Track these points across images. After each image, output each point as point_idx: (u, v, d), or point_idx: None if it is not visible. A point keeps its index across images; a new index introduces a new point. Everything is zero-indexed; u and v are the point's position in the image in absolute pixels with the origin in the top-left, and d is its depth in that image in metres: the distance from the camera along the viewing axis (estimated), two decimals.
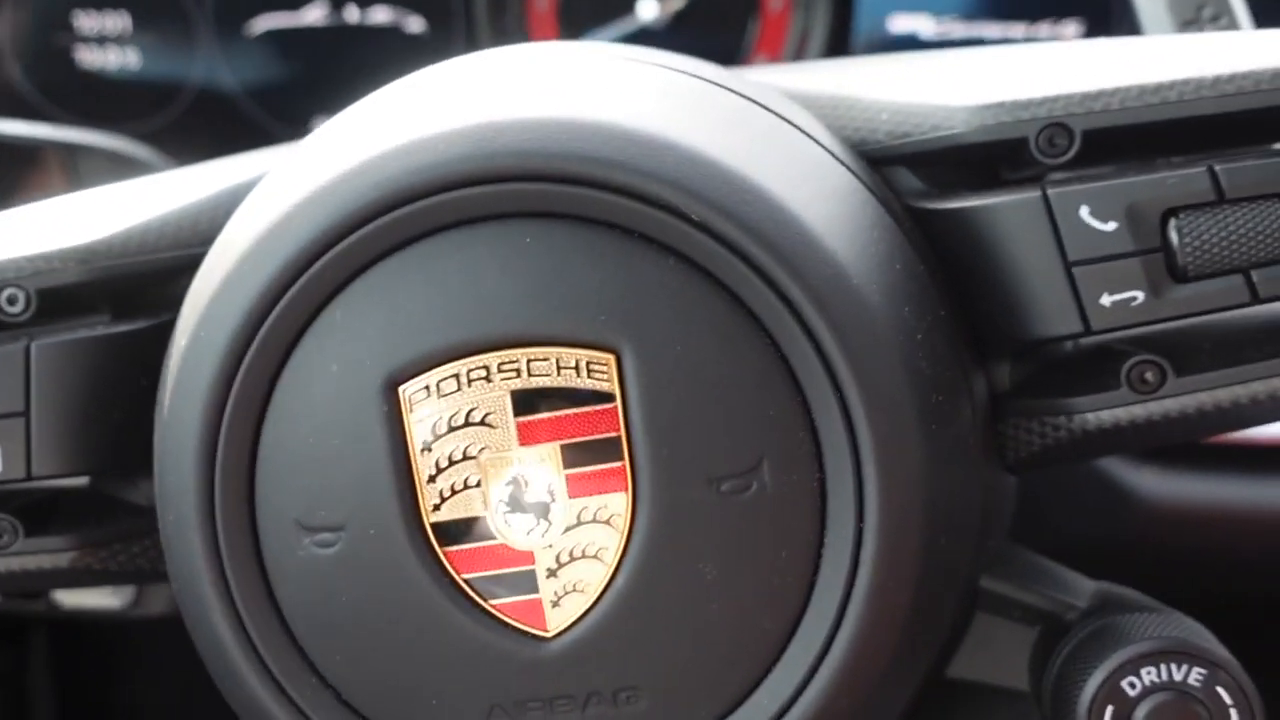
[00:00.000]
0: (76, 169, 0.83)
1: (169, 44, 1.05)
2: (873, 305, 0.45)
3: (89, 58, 1.04)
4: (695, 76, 0.50)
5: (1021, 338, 0.49)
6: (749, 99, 0.50)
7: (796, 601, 0.45)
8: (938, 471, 0.46)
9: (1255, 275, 0.46)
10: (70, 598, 0.75)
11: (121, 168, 0.83)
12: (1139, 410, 0.48)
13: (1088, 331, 0.47)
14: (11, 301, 0.52)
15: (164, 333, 0.52)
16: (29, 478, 0.51)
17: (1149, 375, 0.48)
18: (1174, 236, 0.46)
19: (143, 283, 0.54)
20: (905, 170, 0.52)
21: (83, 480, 0.55)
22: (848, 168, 0.49)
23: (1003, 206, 0.48)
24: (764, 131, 0.48)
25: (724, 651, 0.45)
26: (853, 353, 0.44)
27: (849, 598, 0.45)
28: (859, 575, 0.45)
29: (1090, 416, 0.49)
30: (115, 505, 0.55)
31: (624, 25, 1.02)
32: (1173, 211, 0.46)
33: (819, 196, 0.47)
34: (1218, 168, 0.46)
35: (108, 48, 1.04)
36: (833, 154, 0.50)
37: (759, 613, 0.45)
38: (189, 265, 0.52)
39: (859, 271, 0.45)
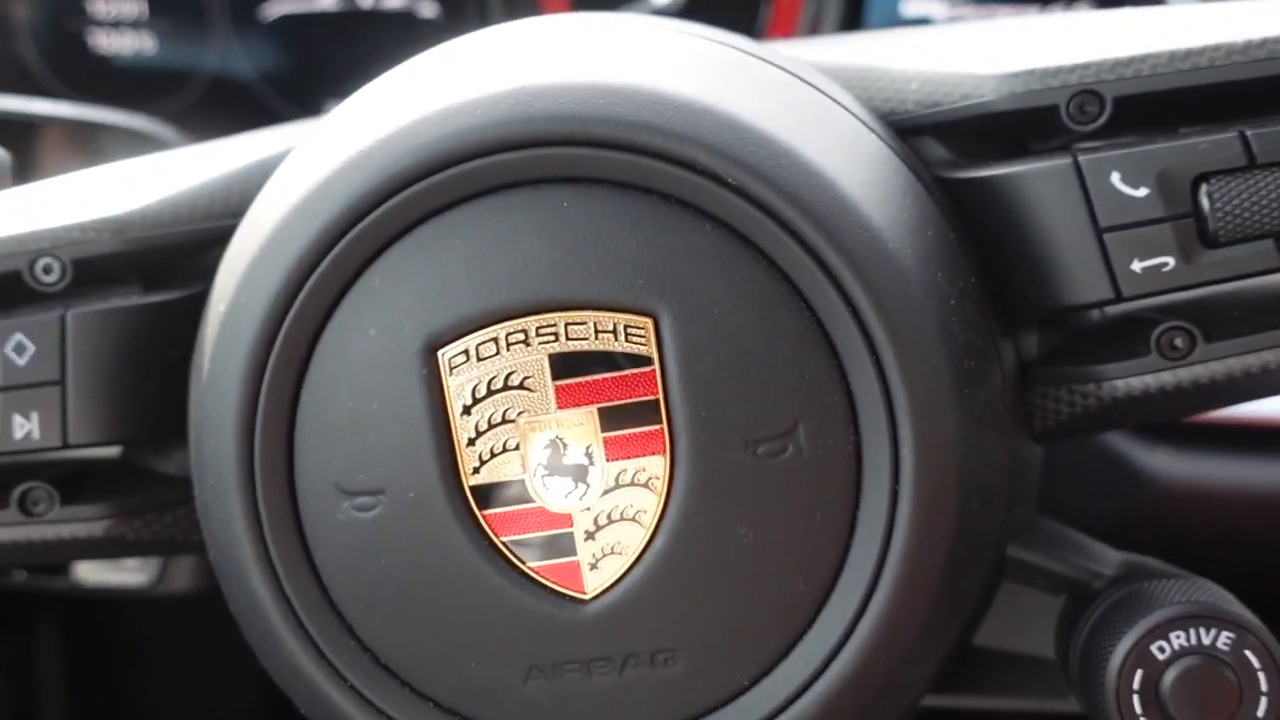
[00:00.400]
0: (99, 148, 0.83)
1: (183, 29, 1.05)
2: (907, 270, 0.45)
3: (104, 42, 1.04)
4: (727, 45, 0.50)
5: (1051, 306, 0.49)
6: (780, 68, 0.50)
7: (832, 564, 0.45)
8: (971, 436, 0.46)
9: None
10: (94, 575, 0.75)
11: (144, 147, 0.83)
12: (1168, 377, 0.49)
13: (1118, 298, 0.48)
14: (47, 271, 0.52)
15: (196, 304, 0.52)
16: (65, 445, 0.52)
17: (1179, 341, 0.48)
18: (1205, 202, 0.46)
19: (175, 254, 0.54)
20: (933, 140, 0.53)
21: (115, 451, 0.55)
22: (878, 136, 0.50)
23: (1032, 174, 0.48)
24: (797, 99, 0.49)
25: (760, 614, 0.45)
26: (888, 316, 0.45)
27: (884, 560, 0.45)
28: (894, 538, 0.45)
29: (1119, 384, 0.49)
30: (147, 476, 0.55)
31: (637, 10, 1.02)
32: (1204, 177, 0.46)
33: (852, 163, 0.47)
34: (1249, 133, 0.46)
35: (123, 32, 1.04)
36: (863, 123, 0.50)
37: (795, 575, 0.45)
38: (220, 237, 0.52)
39: (893, 237, 0.46)
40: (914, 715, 0.53)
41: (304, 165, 0.48)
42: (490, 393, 0.45)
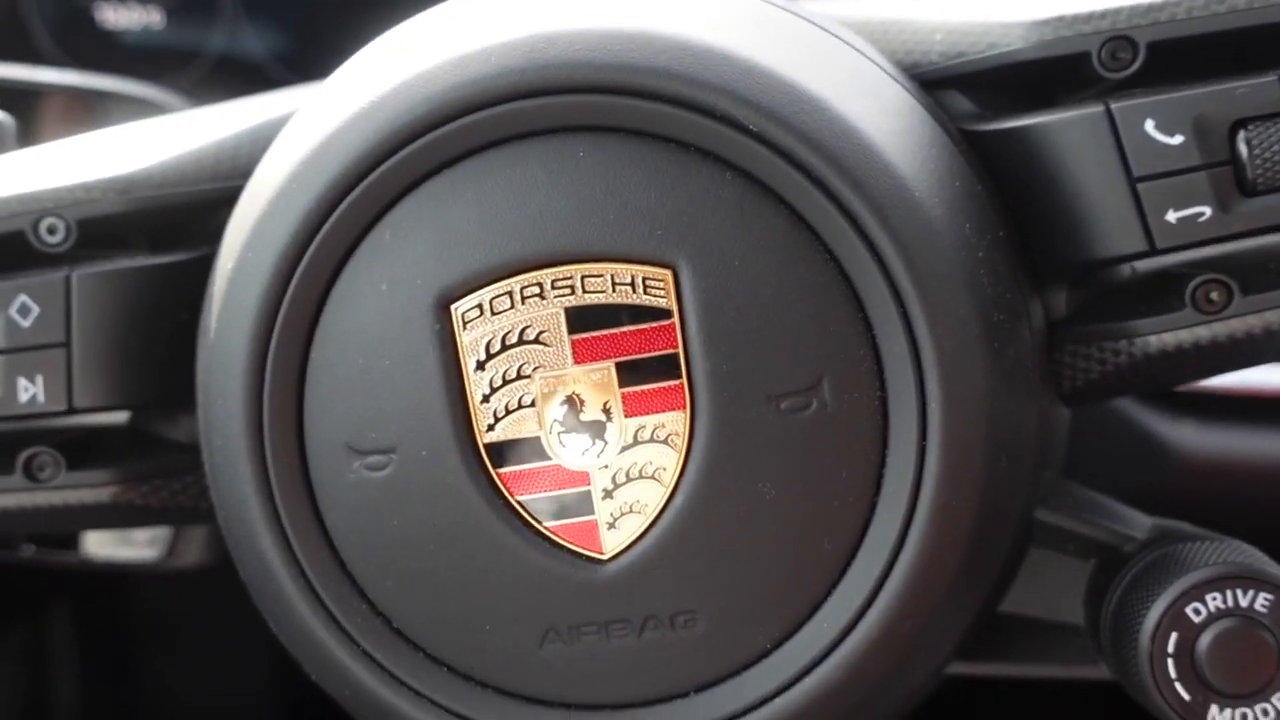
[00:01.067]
0: (105, 118, 0.82)
1: (192, 5, 1.04)
2: (935, 219, 0.44)
3: (111, 17, 1.03)
4: None
5: (1082, 259, 0.48)
6: (802, 18, 0.49)
7: (857, 523, 0.44)
8: (1000, 391, 0.45)
9: None
10: (103, 549, 0.74)
11: (150, 116, 0.82)
12: (1204, 331, 0.47)
13: (1152, 250, 0.46)
14: (51, 231, 0.51)
15: (204, 266, 0.51)
16: (70, 410, 0.50)
17: (1214, 295, 0.47)
18: (1243, 149, 0.45)
19: (181, 215, 0.53)
20: (957, 93, 0.51)
21: (123, 416, 0.54)
22: (903, 87, 0.48)
23: (1063, 123, 0.47)
24: (819, 48, 0.47)
25: (783, 574, 0.44)
26: (916, 267, 0.43)
27: (911, 519, 0.44)
28: (921, 495, 0.44)
29: (1153, 339, 0.48)
30: (155, 442, 0.54)
31: None
32: (1242, 123, 0.45)
33: (877, 112, 0.46)
34: None
35: (130, 7, 1.03)
36: (888, 73, 0.49)
37: (819, 534, 0.44)
38: (228, 198, 0.51)
39: (920, 186, 0.44)
40: (940, 682, 0.52)
41: (312, 120, 0.47)
42: (505, 348, 0.44)
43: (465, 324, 0.44)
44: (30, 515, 0.52)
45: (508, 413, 0.44)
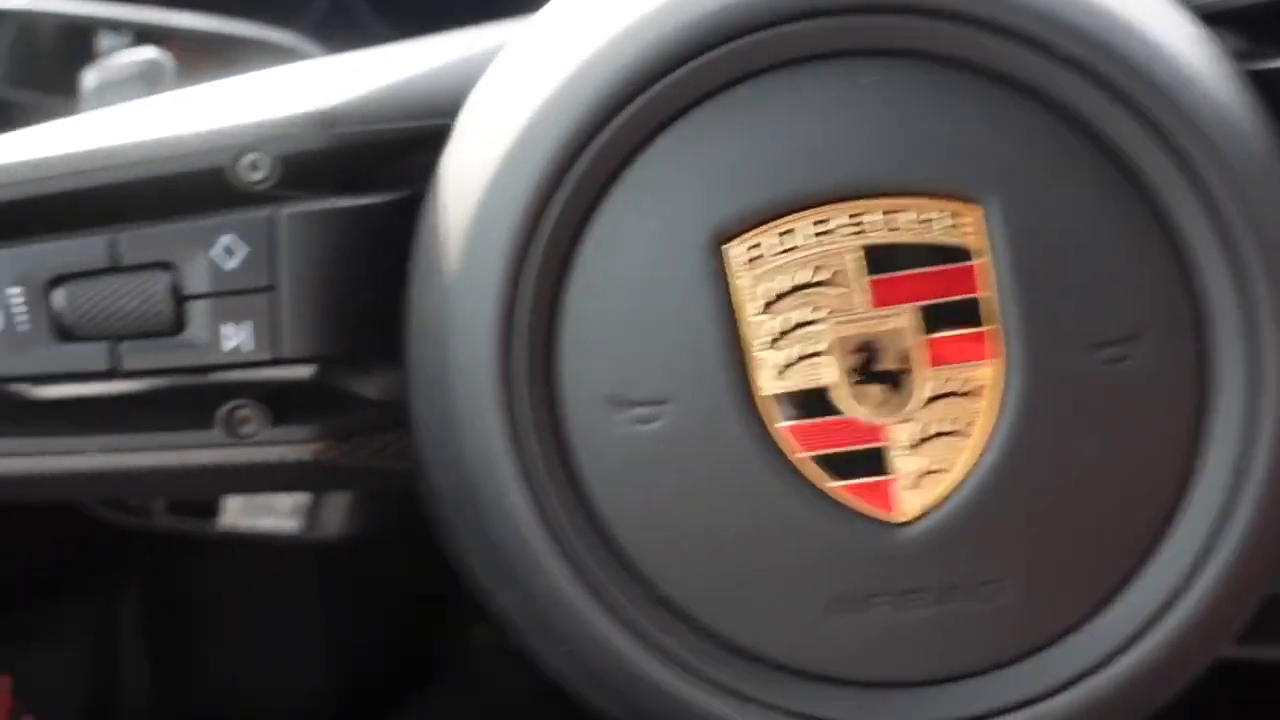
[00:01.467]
0: (234, 66, 0.78)
1: None
2: (1263, 155, 0.40)
3: None
4: None
5: None
6: None
7: (1177, 485, 0.40)
8: None
9: None
10: (245, 519, 0.70)
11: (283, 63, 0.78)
12: None
13: None
14: (254, 167, 0.47)
15: (408, 209, 0.47)
16: (276, 360, 0.46)
17: None
18: None
19: (380, 154, 0.49)
20: (1227, 32, 0.47)
21: (308, 370, 0.50)
22: (1192, 19, 0.44)
23: None
24: None
25: (1099, 541, 0.40)
26: (1252, 209, 0.39)
27: (1241, 481, 0.40)
28: (1255, 455, 0.40)
29: None
30: (345, 398, 0.50)
31: None
32: None
33: (1183, 41, 0.42)
34: None
35: None
36: (1174, 6, 0.45)
37: (1137, 497, 0.40)
38: (426, 137, 0.47)
39: (1245, 118, 0.40)
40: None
41: (561, 40, 0.43)
42: (794, 289, 0.40)
43: (745, 264, 0.40)
44: (226, 474, 0.48)
45: (794, 362, 0.40)
